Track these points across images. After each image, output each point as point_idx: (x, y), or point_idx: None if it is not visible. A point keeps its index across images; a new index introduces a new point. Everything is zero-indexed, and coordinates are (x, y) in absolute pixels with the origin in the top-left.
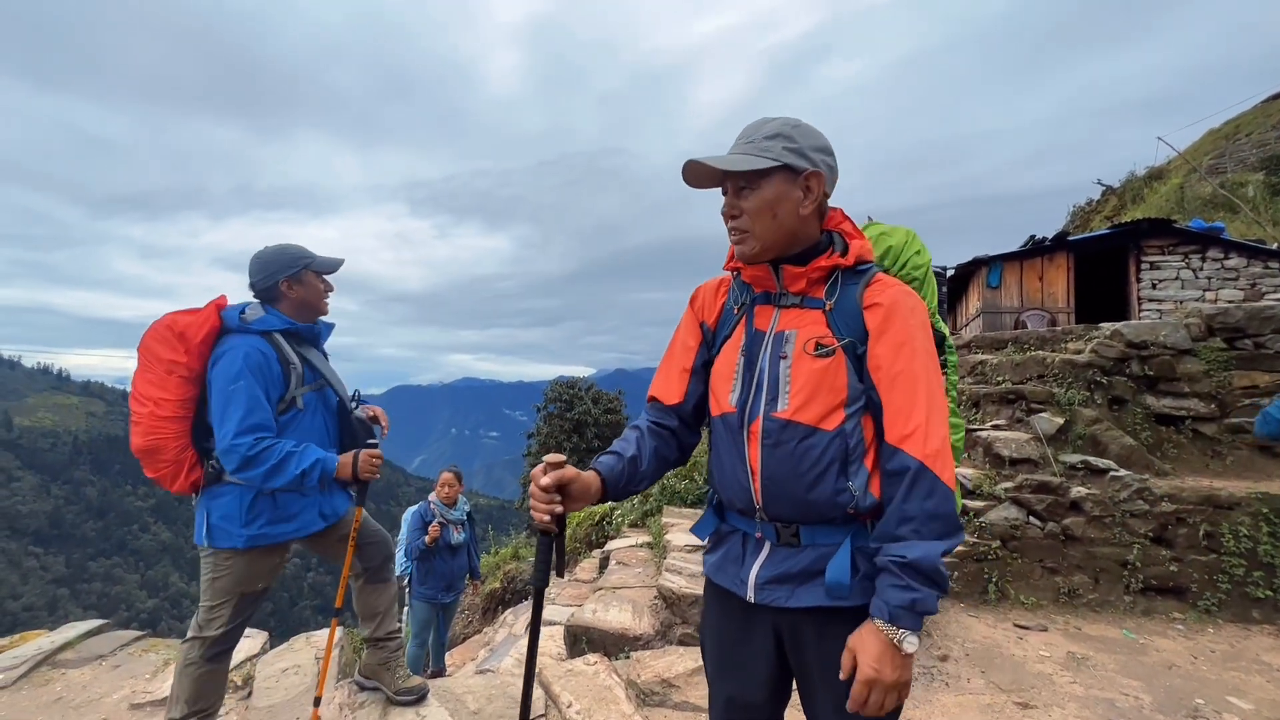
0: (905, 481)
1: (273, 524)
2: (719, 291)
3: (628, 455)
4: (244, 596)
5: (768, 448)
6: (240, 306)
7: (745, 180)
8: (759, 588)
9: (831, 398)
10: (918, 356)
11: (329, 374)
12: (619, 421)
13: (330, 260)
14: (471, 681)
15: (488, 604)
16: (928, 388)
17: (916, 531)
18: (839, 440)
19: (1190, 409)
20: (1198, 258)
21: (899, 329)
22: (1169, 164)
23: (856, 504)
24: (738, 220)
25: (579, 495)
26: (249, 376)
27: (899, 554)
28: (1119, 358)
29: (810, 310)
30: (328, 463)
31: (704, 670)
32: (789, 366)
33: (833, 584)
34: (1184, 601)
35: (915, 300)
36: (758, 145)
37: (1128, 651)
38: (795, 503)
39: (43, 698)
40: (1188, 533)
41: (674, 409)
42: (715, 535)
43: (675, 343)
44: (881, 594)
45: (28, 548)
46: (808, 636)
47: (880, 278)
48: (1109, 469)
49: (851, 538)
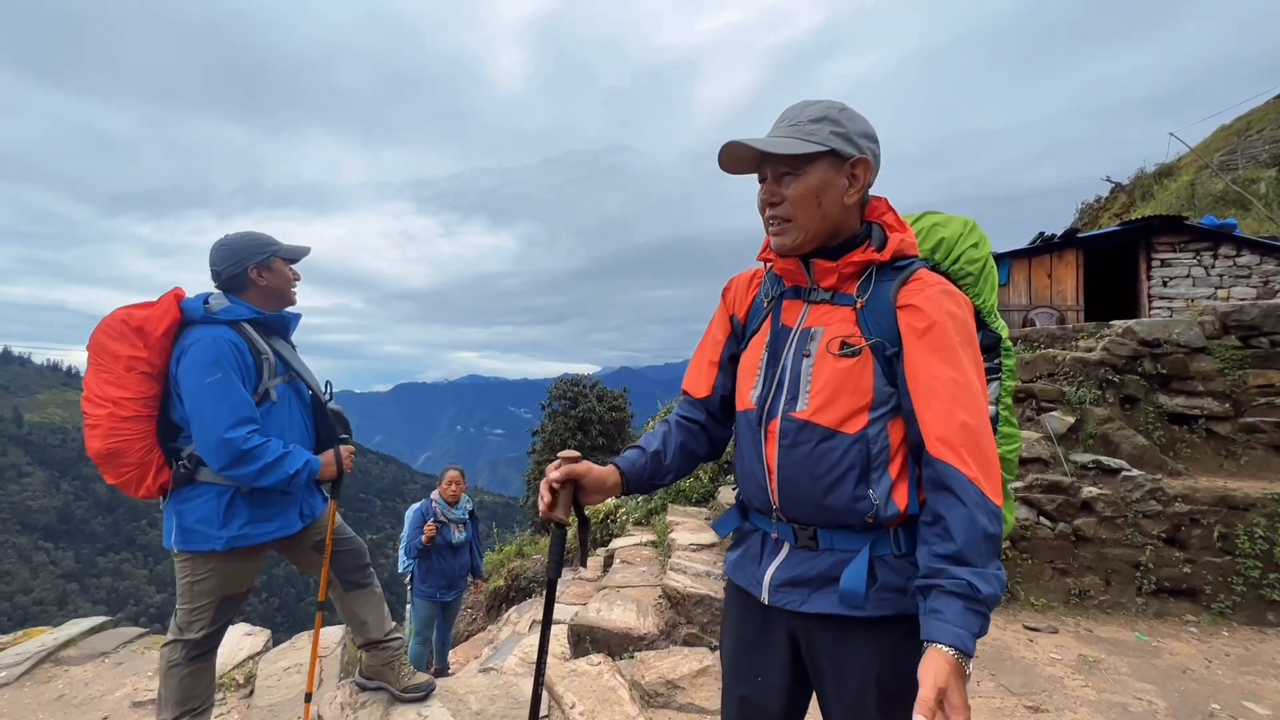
0: (962, 501)
1: (253, 524)
2: (751, 284)
3: (651, 450)
4: (226, 599)
5: (784, 448)
6: (203, 296)
7: (789, 165)
8: (774, 589)
9: (854, 400)
10: (959, 363)
11: (299, 366)
12: (623, 419)
13: (297, 248)
14: (474, 681)
15: (492, 602)
16: (969, 395)
17: (982, 555)
18: (860, 445)
19: (1204, 408)
20: (1209, 255)
21: (936, 332)
22: (1179, 161)
23: (877, 513)
24: (778, 208)
25: (593, 488)
26: (225, 368)
27: (974, 582)
28: (1131, 356)
29: (840, 307)
30: (314, 464)
31: (718, 669)
32: (811, 365)
33: (847, 592)
34: (1197, 604)
35: (957, 300)
36: (802, 129)
37: (1140, 654)
38: (811, 506)
39: (44, 695)
40: (1201, 534)
41: (702, 403)
42: (737, 533)
43: (707, 335)
44: (955, 620)
45: (38, 543)
46: (823, 643)
47: (920, 275)
48: (1121, 469)
49: (871, 546)
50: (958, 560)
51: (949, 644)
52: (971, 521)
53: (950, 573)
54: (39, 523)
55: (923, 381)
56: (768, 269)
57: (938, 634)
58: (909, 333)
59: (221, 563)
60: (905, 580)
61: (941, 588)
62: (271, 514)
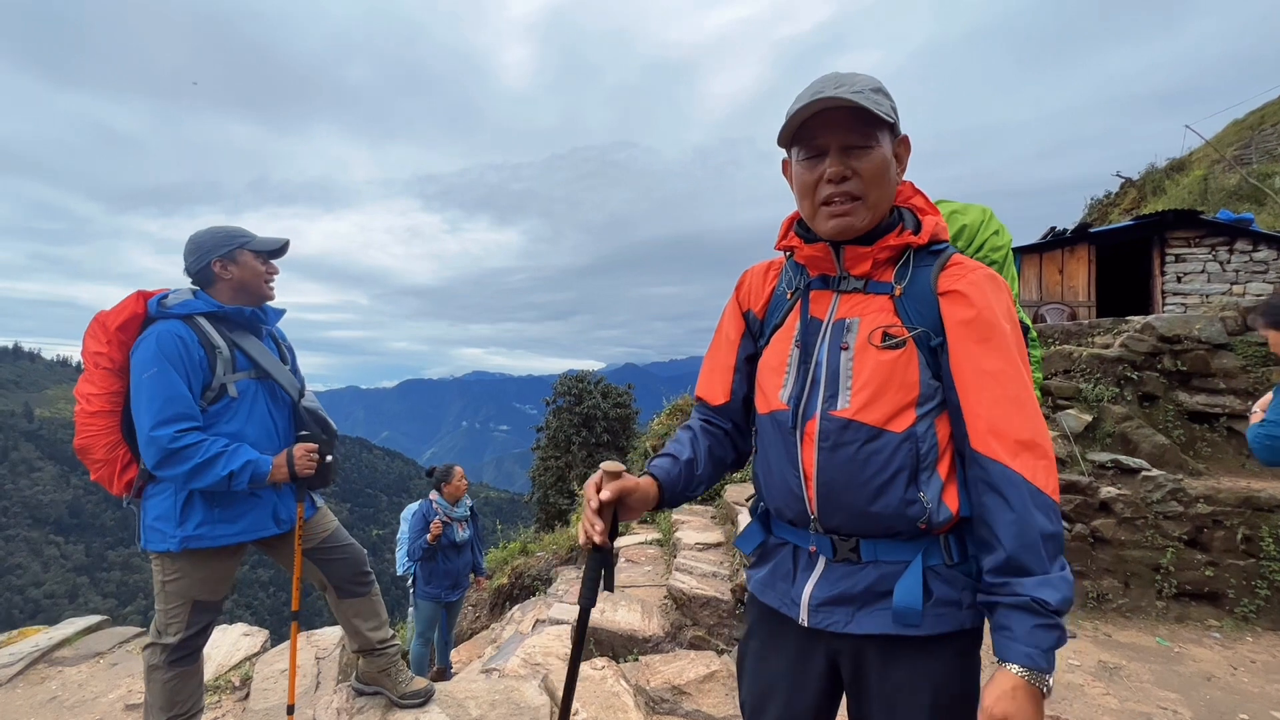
0: (1013, 500)
1: (210, 525)
2: (768, 275)
3: (684, 458)
4: (198, 604)
5: (825, 451)
6: (165, 293)
7: (862, 138)
8: (814, 609)
9: (901, 395)
10: (1007, 351)
11: (268, 362)
12: (628, 416)
13: (271, 240)
14: (474, 686)
15: (495, 599)
16: (1020, 387)
17: (1041, 559)
18: (909, 444)
19: (1225, 406)
20: (1225, 250)
21: (984, 319)
22: (1190, 156)
23: (929, 517)
24: (847, 185)
25: (638, 506)
26: (163, 363)
27: (1039, 595)
28: (1150, 352)
29: (876, 296)
30: (260, 465)
31: (725, 674)
32: (851, 359)
33: (903, 609)
34: (1220, 608)
35: (1000, 285)
36: (868, 97)
37: (1162, 661)
38: (856, 514)
39: (37, 697)
40: (1224, 536)
41: (723, 409)
42: (761, 548)
43: (719, 335)
44: (1024, 638)
45: (49, 536)
46: (870, 666)
47: (958, 259)
48: (1141, 468)
49: (923, 555)
50: (1015, 569)
51: (1020, 664)
52: (1024, 523)
53: (1011, 586)
54: (49, 517)
55: (969, 372)
56: (788, 258)
57: (1007, 654)
58: (953, 321)
59: (186, 564)
60: (959, 592)
61: (1003, 603)
62: (234, 515)
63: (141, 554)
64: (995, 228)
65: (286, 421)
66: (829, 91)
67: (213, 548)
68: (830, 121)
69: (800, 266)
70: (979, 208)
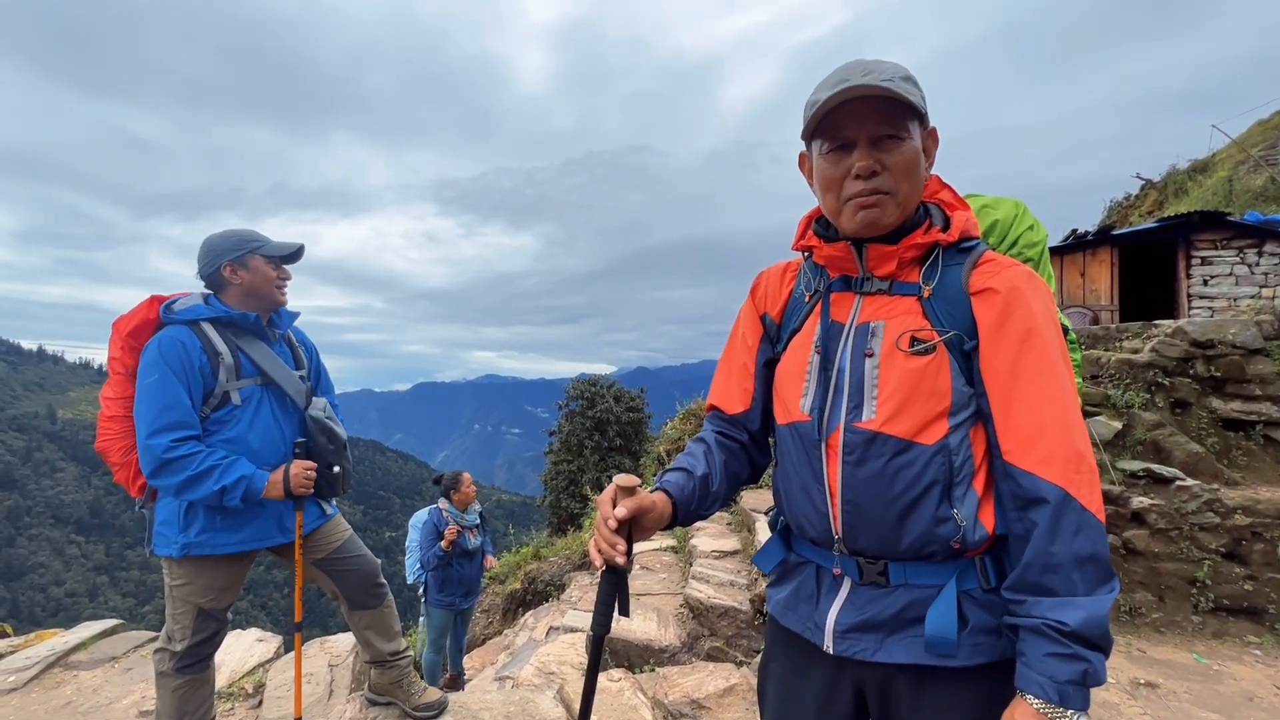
0: (1044, 515)
1: (211, 533)
2: (785, 277)
3: (699, 473)
4: (201, 611)
5: (850, 465)
6: (177, 298)
7: (894, 128)
8: (839, 636)
9: (932, 405)
10: (1047, 353)
11: (274, 368)
12: (640, 420)
13: (283, 245)
14: (489, 697)
15: (508, 605)
16: (1062, 392)
17: (1071, 582)
18: (941, 457)
19: (1262, 413)
20: (1254, 252)
21: (1021, 319)
22: (1214, 157)
23: (964, 537)
24: (877, 179)
25: (651, 526)
26: (164, 369)
27: (1057, 616)
28: (1182, 357)
29: (902, 298)
30: (255, 481)
31: (745, 688)
32: (876, 366)
33: (935, 638)
34: (1260, 624)
35: (1038, 283)
36: (899, 85)
37: (1201, 679)
38: (884, 533)
39: (52, 701)
40: (1264, 548)
41: (739, 419)
42: (782, 567)
43: (734, 339)
44: (1037, 665)
45: (70, 536)
46: (900, 697)
47: (991, 257)
48: (1175, 478)
49: (957, 579)
50: (1033, 588)
51: (1035, 696)
52: (1057, 541)
53: (1027, 605)
54: (71, 517)
55: (1004, 378)
56: (806, 258)
57: (1020, 681)
58: (987, 323)
59: (189, 570)
60: (998, 619)
61: (1020, 625)
62: (237, 523)
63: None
64: (1030, 222)
65: (294, 429)
66: (856, 79)
67: (214, 555)
68: (857, 112)
69: (819, 268)
70: (1011, 201)
